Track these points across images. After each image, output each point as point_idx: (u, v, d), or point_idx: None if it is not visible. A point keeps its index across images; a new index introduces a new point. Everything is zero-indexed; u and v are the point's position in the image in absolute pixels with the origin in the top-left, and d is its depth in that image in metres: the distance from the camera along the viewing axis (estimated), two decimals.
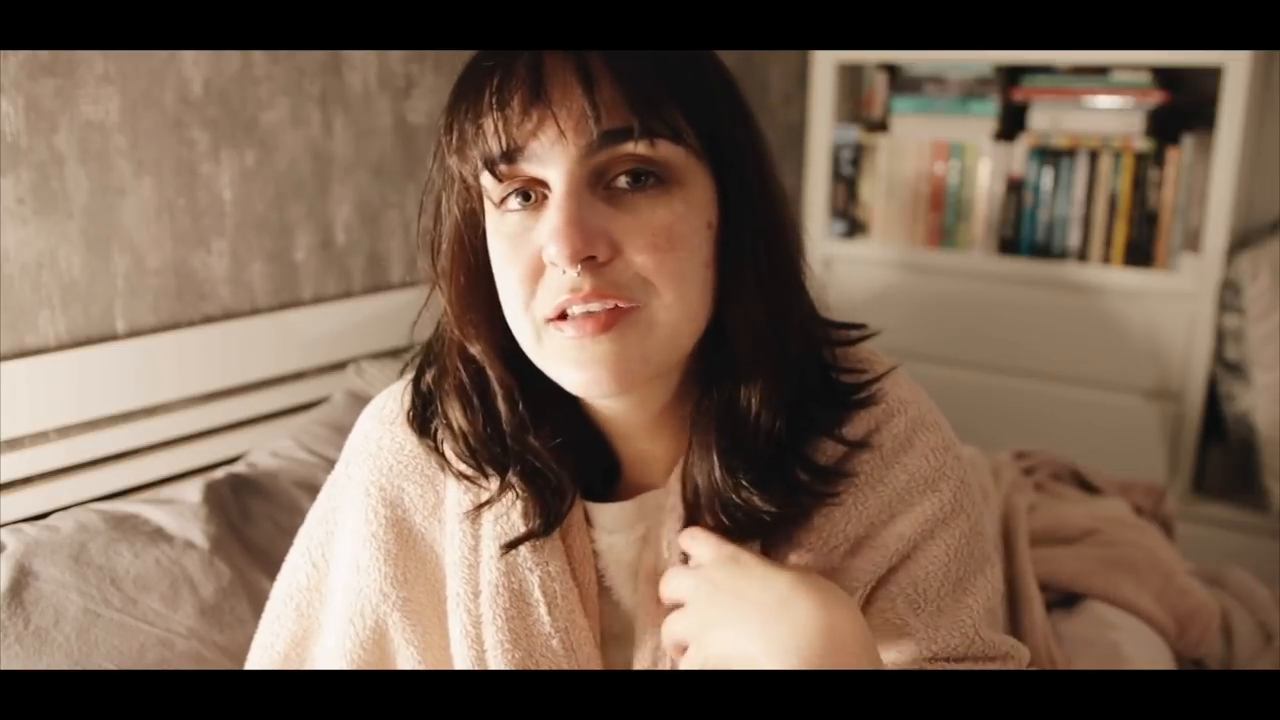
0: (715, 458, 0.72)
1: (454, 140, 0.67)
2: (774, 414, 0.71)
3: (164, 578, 1.06)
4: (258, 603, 1.02)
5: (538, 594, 0.74)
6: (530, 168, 0.65)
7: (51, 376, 1.19)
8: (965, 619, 0.74)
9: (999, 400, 2.15)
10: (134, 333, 1.29)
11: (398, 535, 0.78)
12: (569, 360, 0.67)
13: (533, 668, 0.74)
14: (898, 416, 0.77)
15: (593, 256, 0.64)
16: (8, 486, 1.17)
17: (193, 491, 1.17)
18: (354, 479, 0.81)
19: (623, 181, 0.66)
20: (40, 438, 1.20)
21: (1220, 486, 2.03)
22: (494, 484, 0.75)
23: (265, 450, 1.32)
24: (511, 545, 0.74)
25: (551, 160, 0.64)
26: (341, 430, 1.23)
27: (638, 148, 0.64)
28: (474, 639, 0.75)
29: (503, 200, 0.67)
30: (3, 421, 1.14)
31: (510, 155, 0.65)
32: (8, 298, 1.16)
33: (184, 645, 1.03)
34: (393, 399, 0.82)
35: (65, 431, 1.22)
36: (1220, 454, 2.03)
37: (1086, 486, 1.50)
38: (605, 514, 0.77)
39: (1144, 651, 1.14)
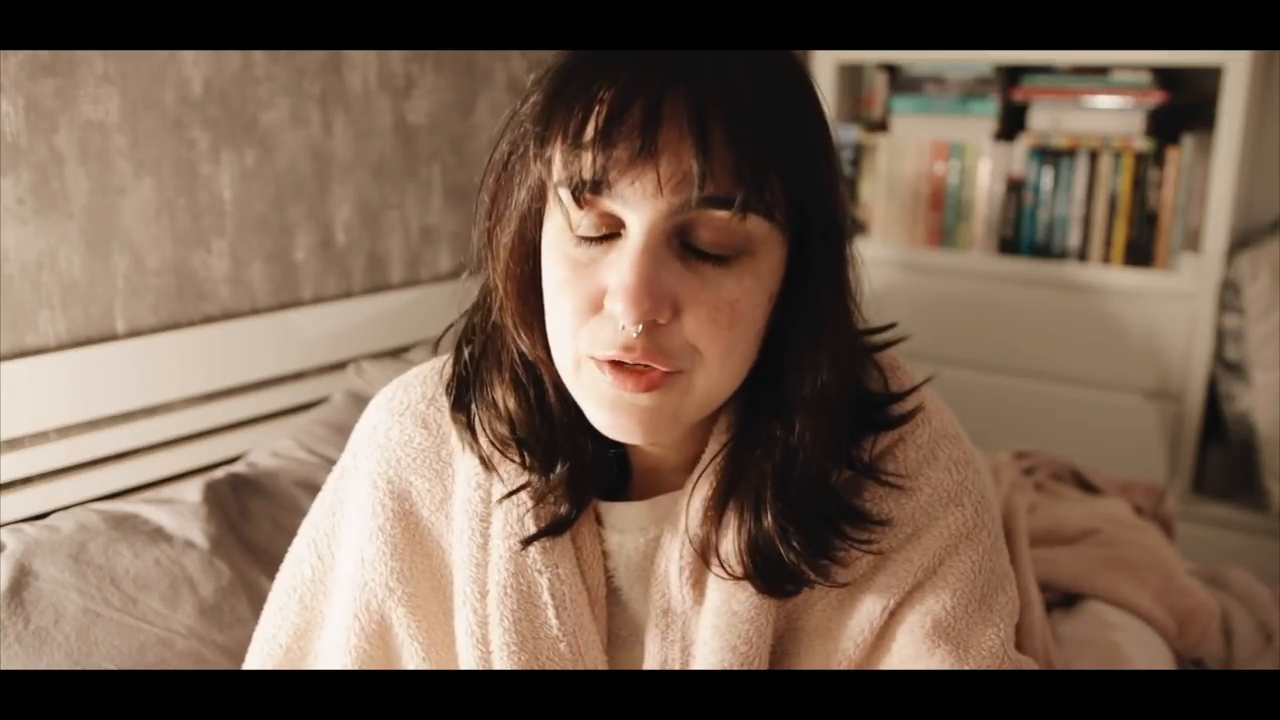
0: (768, 512, 0.70)
1: (545, 147, 0.64)
2: (827, 473, 0.70)
3: (164, 577, 1.06)
4: (257, 602, 1.02)
5: (546, 596, 0.73)
6: (614, 206, 0.63)
7: (51, 376, 1.19)
8: (993, 638, 0.73)
9: (999, 400, 2.15)
10: (134, 333, 1.29)
11: (405, 529, 0.78)
12: (604, 404, 0.66)
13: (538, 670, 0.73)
14: (921, 427, 0.76)
15: (655, 320, 0.63)
16: (8, 486, 1.17)
17: (193, 491, 1.17)
18: (361, 470, 0.80)
19: (697, 244, 0.63)
20: (40, 438, 1.20)
21: (1220, 486, 2.03)
22: (523, 475, 0.74)
23: (265, 450, 1.32)
24: (531, 540, 0.73)
25: (639, 207, 0.62)
26: (342, 430, 1.23)
27: (731, 220, 0.62)
28: (479, 639, 0.74)
29: (576, 224, 0.64)
30: (3, 421, 1.14)
31: (598, 188, 0.62)
32: (8, 298, 1.16)
33: (184, 645, 1.03)
34: (403, 389, 0.81)
35: (65, 431, 1.22)
36: (1220, 454, 2.03)
37: (1086, 486, 1.50)
38: (618, 514, 0.76)
39: (1144, 651, 1.14)
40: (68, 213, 1.20)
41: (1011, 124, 2.12)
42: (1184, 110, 2.00)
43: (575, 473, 0.73)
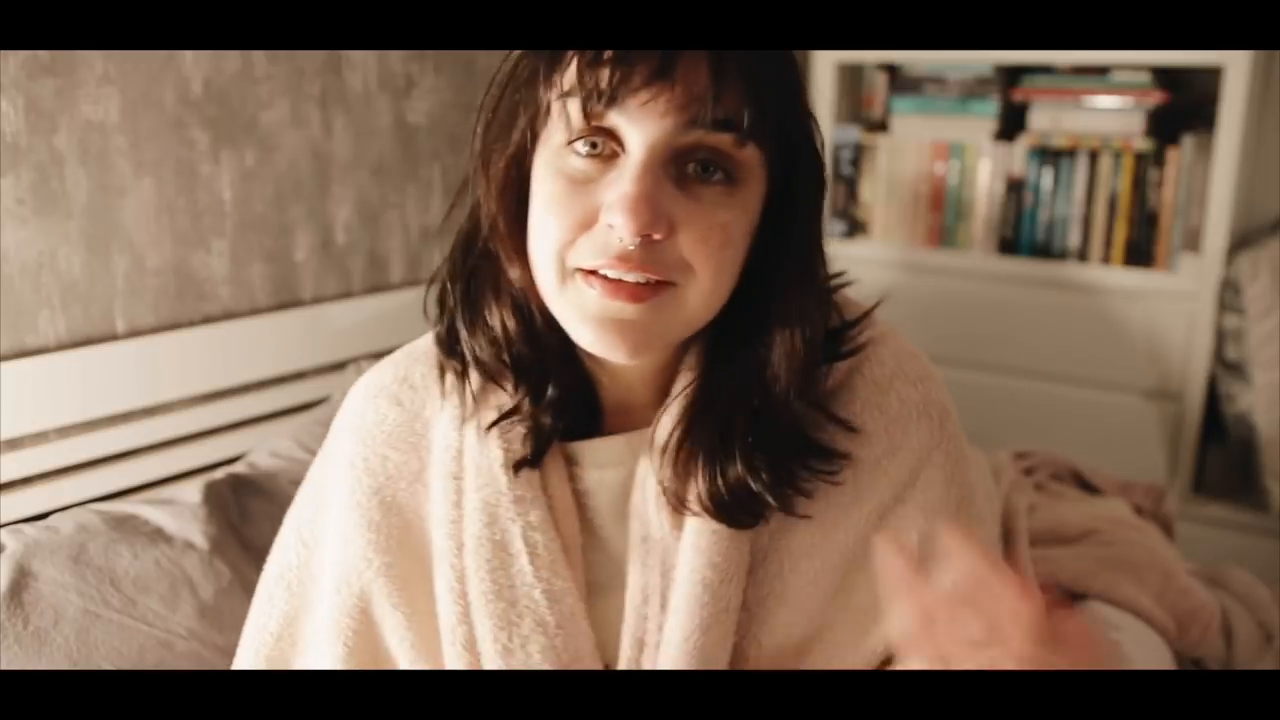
0: (737, 441, 0.72)
1: (558, 66, 0.66)
2: (798, 402, 0.73)
3: (163, 579, 1.06)
4: None
5: (519, 544, 0.75)
6: (620, 123, 0.65)
7: (51, 376, 1.19)
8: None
9: (999, 400, 2.15)
10: (134, 333, 1.29)
11: (380, 503, 0.79)
12: (589, 316, 0.68)
13: (516, 620, 0.74)
14: (880, 346, 0.78)
15: (651, 234, 0.65)
16: (8, 486, 1.16)
17: (192, 492, 1.17)
18: (339, 453, 0.82)
19: (693, 169, 0.66)
20: (40, 438, 1.20)
21: (1220, 486, 2.03)
22: (512, 399, 0.75)
23: (265, 450, 1.32)
24: (519, 466, 0.75)
25: (645, 126, 0.64)
26: None
27: (728, 143, 0.65)
28: (459, 594, 0.76)
29: (573, 139, 0.67)
30: (3, 421, 1.14)
31: (612, 101, 0.64)
32: (8, 298, 1.16)
33: (184, 646, 1.03)
34: (376, 374, 0.83)
35: (65, 431, 1.22)
36: (1220, 454, 2.03)
37: (1086, 486, 1.50)
38: (594, 450, 0.77)
39: (1144, 651, 1.14)
40: (68, 213, 1.20)
41: (1011, 124, 2.12)
42: (1184, 110, 1.99)
43: (562, 395, 0.75)
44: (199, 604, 1.06)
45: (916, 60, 2.17)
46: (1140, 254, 2.00)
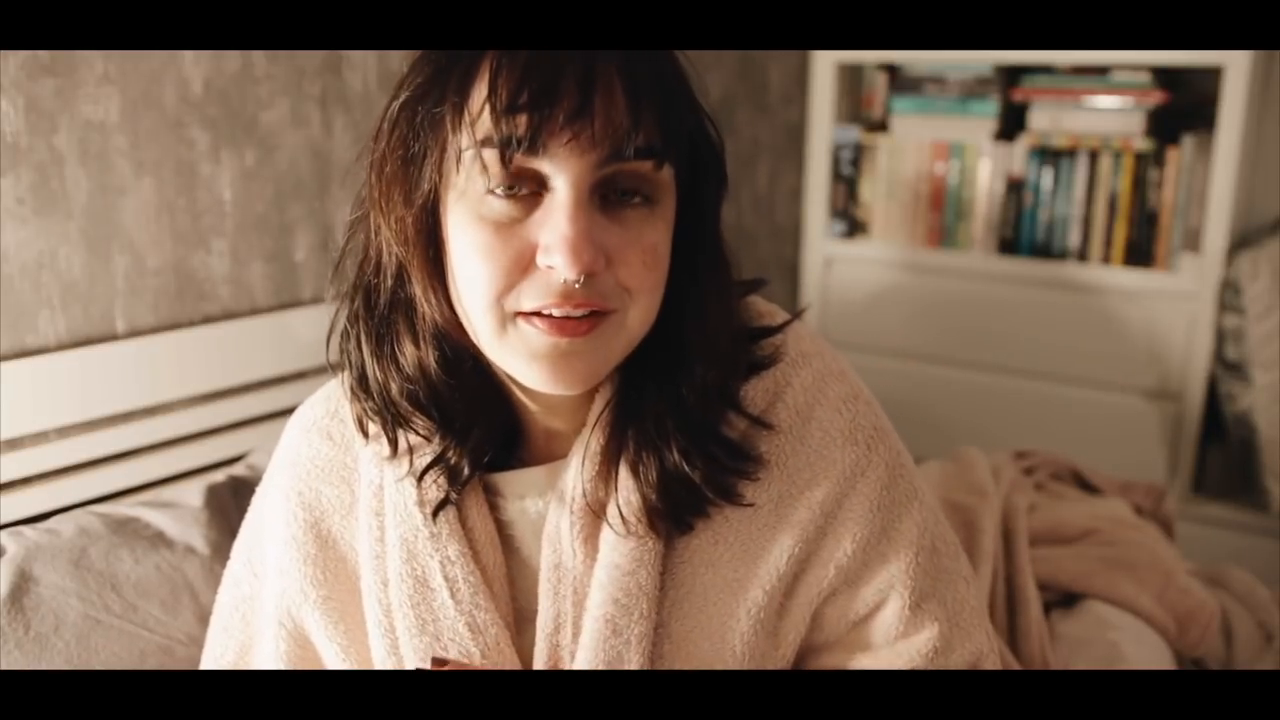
0: (670, 437, 0.72)
1: (465, 112, 0.65)
2: (714, 400, 0.73)
3: (164, 584, 1.06)
4: None
5: (439, 578, 0.75)
6: (543, 165, 0.64)
7: (51, 376, 1.19)
8: (894, 566, 0.76)
9: (999, 400, 2.15)
10: (134, 333, 1.29)
11: (315, 537, 0.80)
12: (537, 356, 0.67)
13: (441, 652, 0.75)
14: (803, 369, 0.77)
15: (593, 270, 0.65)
16: (8, 487, 1.16)
17: (194, 495, 1.17)
18: (278, 487, 0.84)
19: (613, 195, 0.67)
20: (40, 438, 1.20)
21: (1220, 486, 2.03)
22: (429, 445, 0.75)
23: (265, 451, 1.32)
24: (437, 510, 0.75)
25: (568, 165, 0.64)
26: None
27: (647, 168, 0.66)
28: (387, 629, 0.77)
29: (491, 186, 0.66)
30: (3, 421, 1.14)
31: (533, 147, 0.63)
32: (8, 298, 1.16)
33: (184, 652, 1.03)
34: (309, 407, 0.85)
35: (65, 431, 1.22)
36: (1220, 454, 2.03)
37: (1086, 486, 1.50)
38: (515, 481, 0.77)
39: (1144, 651, 1.14)
40: (68, 213, 1.20)
41: (1011, 124, 2.12)
42: (1184, 110, 1.99)
43: (487, 433, 0.75)
44: (200, 610, 1.06)
45: (916, 60, 2.17)
46: (1140, 254, 2.00)
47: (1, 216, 1.14)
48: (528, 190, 0.66)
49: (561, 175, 0.64)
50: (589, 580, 0.75)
